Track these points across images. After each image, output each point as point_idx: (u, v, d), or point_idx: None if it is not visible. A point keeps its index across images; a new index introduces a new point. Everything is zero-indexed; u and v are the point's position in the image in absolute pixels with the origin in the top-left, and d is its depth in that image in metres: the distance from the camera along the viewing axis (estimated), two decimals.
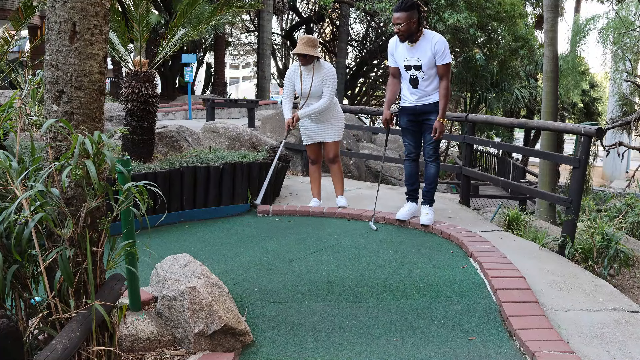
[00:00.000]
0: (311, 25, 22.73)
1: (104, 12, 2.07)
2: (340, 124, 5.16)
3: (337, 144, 5.16)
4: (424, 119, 4.43)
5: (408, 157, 4.62)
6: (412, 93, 4.43)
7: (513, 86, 16.47)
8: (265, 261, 3.73)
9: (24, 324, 1.97)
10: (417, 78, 4.34)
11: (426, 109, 4.39)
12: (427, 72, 4.29)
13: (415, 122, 4.48)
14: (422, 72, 4.29)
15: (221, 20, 5.70)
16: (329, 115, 5.06)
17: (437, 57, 4.23)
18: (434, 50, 4.21)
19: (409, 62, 4.33)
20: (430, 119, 4.39)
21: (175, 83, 20.28)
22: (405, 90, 4.50)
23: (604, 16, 13.19)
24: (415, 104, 4.43)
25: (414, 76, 4.35)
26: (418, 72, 4.31)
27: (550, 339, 2.65)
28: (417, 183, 4.68)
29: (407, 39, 4.24)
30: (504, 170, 16.02)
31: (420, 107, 4.41)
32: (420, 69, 4.28)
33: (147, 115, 4.97)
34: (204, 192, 4.85)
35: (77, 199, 2.02)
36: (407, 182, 4.70)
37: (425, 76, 4.31)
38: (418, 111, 4.43)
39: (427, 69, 4.28)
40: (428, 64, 4.25)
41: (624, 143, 11.12)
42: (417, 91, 4.38)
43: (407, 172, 4.66)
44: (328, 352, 2.68)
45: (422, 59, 4.25)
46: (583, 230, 4.26)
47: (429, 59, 4.23)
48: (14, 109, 2.29)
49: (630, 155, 17.47)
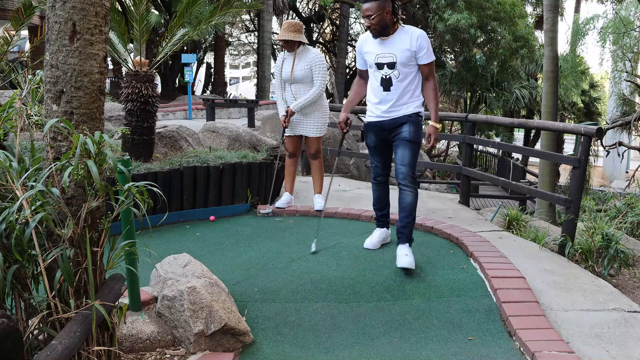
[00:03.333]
0: (311, 25, 22.74)
1: (104, 12, 2.07)
2: (324, 119, 4.94)
3: (319, 139, 4.98)
4: (395, 134, 3.67)
5: (375, 180, 3.91)
6: (381, 101, 3.67)
7: (513, 86, 16.48)
8: (265, 261, 3.74)
9: (24, 324, 1.97)
10: (391, 78, 3.61)
11: (397, 122, 3.65)
12: (402, 71, 3.59)
13: (385, 140, 3.75)
14: (396, 70, 3.59)
15: (221, 20, 5.69)
16: (313, 109, 4.85)
17: (421, 55, 3.57)
18: (417, 46, 3.55)
19: (381, 59, 3.61)
20: (402, 131, 3.63)
21: (175, 83, 20.30)
22: (372, 99, 3.74)
23: (604, 16, 13.20)
24: (384, 118, 3.67)
25: (387, 76, 3.62)
26: (392, 71, 3.60)
27: (550, 339, 2.65)
28: (388, 207, 3.99)
29: (380, 33, 3.57)
30: (504, 170, 16.02)
31: (391, 121, 3.65)
32: (395, 66, 3.58)
33: (147, 115, 4.97)
34: (204, 192, 4.85)
35: (77, 199, 2.02)
36: (375, 206, 4.00)
37: (401, 76, 3.60)
38: (387, 126, 3.67)
39: (403, 67, 3.58)
40: (404, 61, 3.57)
41: (624, 143, 11.13)
42: (389, 97, 3.63)
43: (375, 196, 3.97)
44: (328, 352, 2.68)
45: (398, 55, 3.56)
46: (583, 230, 4.26)
47: (407, 55, 3.56)
48: (14, 109, 2.29)
49: (630, 155, 17.48)
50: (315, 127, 4.90)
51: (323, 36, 24.66)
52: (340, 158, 8.99)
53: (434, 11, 13.79)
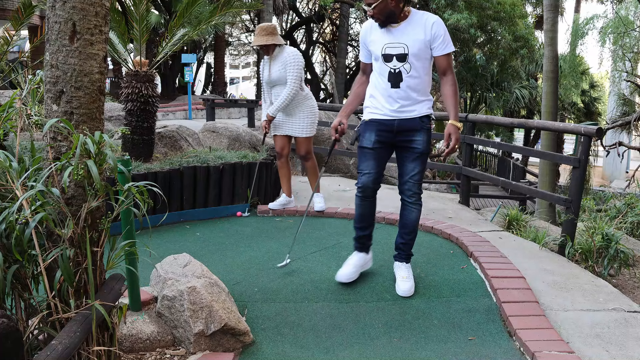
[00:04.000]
0: (311, 25, 22.75)
1: (104, 12, 2.07)
2: (311, 119, 4.77)
3: (308, 140, 4.80)
4: (405, 141, 3.17)
5: (362, 194, 3.26)
6: (389, 98, 3.14)
7: (513, 86, 16.49)
8: (265, 261, 3.74)
9: (24, 324, 1.97)
10: (401, 73, 3.09)
11: (409, 126, 3.14)
12: (415, 65, 3.07)
13: (388, 143, 3.20)
14: (408, 63, 3.07)
15: (221, 20, 5.69)
16: (298, 109, 4.71)
17: (437, 45, 3.05)
18: (432, 34, 3.03)
19: (389, 50, 3.08)
20: (415, 141, 3.15)
21: (175, 83, 20.30)
22: (378, 95, 3.20)
23: (604, 16, 13.21)
24: (394, 117, 3.14)
25: (396, 69, 3.09)
26: (402, 64, 3.08)
27: (550, 339, 2.65)
28: (372, 227, 3.40)
29: (386, 22, 3.06)
30: (504, 170, 16.02)
31: (401, 121, 3.14)
32: (407, 59, 3.06)
33: (147, 115, 4.97)
34: (204, 192, 4.85)
35: (77, 199, 2.02)
36: (357, 224, 3.38)
37: (413, 70, 3.08)
38: (397, 128, 3.15)
39: (416, 60, 3.07)
40: (417, 53, 3.05)
41: (624, 143, 11.13)
42: (399, 94, 3.12)
43: (358, 212, 3.34)
44: (328, 352, 2.68)
45: (410, 45, 3.04)
46: (583, 230, 4.26)
47: (420, 45, 3.04)
48: (14, 109, 2.29)
49: (630, 155, 17.49)
50: (301, 127, 4.75)
51: (323, 36, 24.65)
52: (341, 158, 8.99)
53: (433, 11, 13.80)
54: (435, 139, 24.66)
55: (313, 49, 24.46)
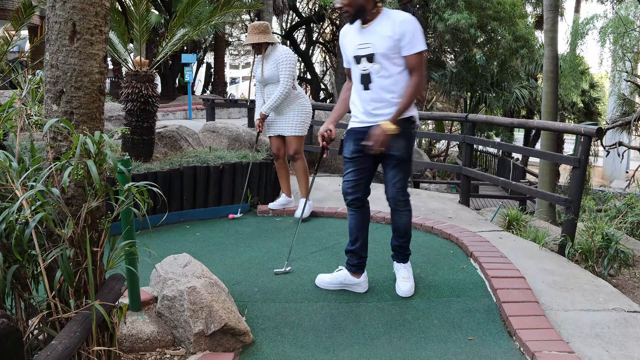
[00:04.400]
0: (311, 25, 22.74)
1: (104, 12, 2.07)
2: (302, 118, 4.70)
3: (298, 139, 4.73)
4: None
5: (352, 205, 3.17)
6: (363, 101, 3.04)
7: (513, 86, 16.49)
8: (265, 261, 3.74)
9: (24, 324, 1.97)
10: (370, 74, 2.97)
11: None
12: (384, 64, 2.94)
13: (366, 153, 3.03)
14: (376, 64, 2.94)
15: (221, 20, 5.69)
16: (290, 107, 4.67)
17: (405, 44, 2.88)
18: (400, 32, 2.86)
19: (359, 51, 2.98)
20: (391, 147, 2.98)
21: (175, 83, 20.30)
22: (356, 100, 3.10)
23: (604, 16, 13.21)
24: (369, 123, 3.01)
25: (366, 71, 2.98)
26: (371, 65, 2.95)
27: (550, 339, 2.65)
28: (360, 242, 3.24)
29: (355, 18, 2.95)
30: (504, 170, 16.02)
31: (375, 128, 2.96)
32: (374, 58, 2.94)
33: (147, 115, 4.97)
34: (204, 192, 4.85)
35: (77, 199, 2.02)
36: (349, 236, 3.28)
37: (383, 70, 2.95)
38: None
39: (385, 60, 2.93)
40: (386, 52, 2.91)
41: (624, 143, 11.13)
42: (370, 95, 3.00)
43: (351, 225, 3.24)
44: (328, 352, 2.68)
45: (377, 44, 2.92)
46: (583, 230, 4.26)
47: (387, 44, 2.90)
48: (14, 109, 2.29)
49: (630, 155, 17.48)
50: (291, 125, 4.69)
51: (323, 36, 24.64)
52: (341, 158, 8.98)
53: (433, 11, 13.79)
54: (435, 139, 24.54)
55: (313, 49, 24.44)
